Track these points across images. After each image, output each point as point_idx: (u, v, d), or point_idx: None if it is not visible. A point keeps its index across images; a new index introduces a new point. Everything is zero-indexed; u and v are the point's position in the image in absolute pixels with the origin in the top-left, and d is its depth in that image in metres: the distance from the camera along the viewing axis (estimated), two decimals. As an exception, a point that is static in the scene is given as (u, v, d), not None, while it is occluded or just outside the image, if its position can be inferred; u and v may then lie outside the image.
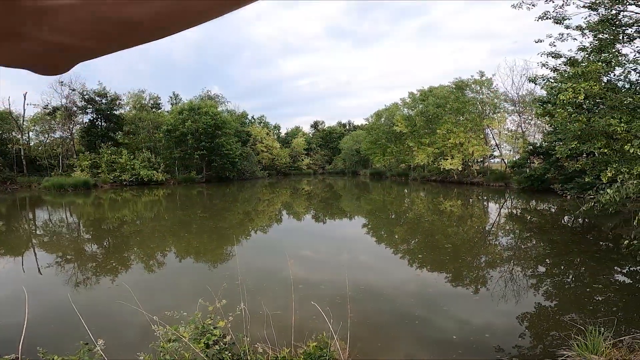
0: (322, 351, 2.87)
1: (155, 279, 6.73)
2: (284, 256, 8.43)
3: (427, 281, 6.33)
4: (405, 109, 38.33)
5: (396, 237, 10.67)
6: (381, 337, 4.18)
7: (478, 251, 8.65)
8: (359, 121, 77.83)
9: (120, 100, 37.87)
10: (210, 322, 3.06)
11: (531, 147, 23.50)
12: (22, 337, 2.46)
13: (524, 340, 4.07)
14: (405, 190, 27.73)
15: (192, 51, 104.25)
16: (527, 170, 22.93)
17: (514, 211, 16.30)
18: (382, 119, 43.31)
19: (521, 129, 29.87)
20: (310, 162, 65.43)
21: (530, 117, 29.36)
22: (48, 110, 35.30)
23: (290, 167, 61.33)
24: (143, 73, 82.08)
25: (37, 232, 12.59)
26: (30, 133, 38.25)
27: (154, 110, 42.42)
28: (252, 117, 61.67)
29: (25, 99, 37.72)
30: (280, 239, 10.67)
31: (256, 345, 2.95)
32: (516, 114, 29.96)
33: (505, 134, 31.16)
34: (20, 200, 23.01)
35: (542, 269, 7.11)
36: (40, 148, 37.90)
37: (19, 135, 35.74)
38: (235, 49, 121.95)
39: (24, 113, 36.17)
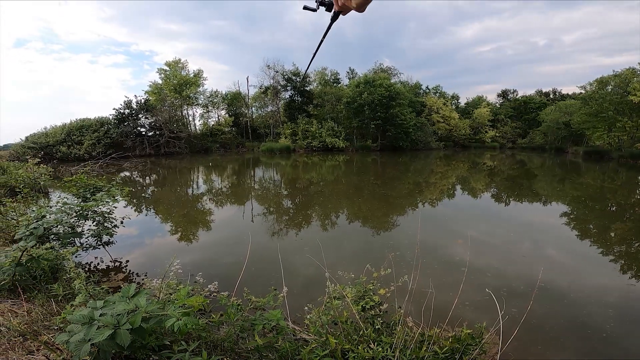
0: (473, 340, 2.57)
1: (329, 236, 7.65)
2: (452, 233, 7.89)
3: (644, 295, 4.74)
4: (647, 75, 28.90)
5: (612, 234, 7.99)
6: (544, 342, 3.55)
7: None
8: (568, 89, 63.26)
9: (309, 77, 43.94)
10: (372, 288, 3.23)
11: None
12: (240, 277, 3.12)
13: None
14: (641, 176, 20.02)
15: (360, 28, 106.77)
16: None
17: None
18: (609, 87, 33.11)
19: None
20: (497, 134, 56.38)
21: None
22: (262, 90, 44.88)
23: (470, 139, 55.02)
24: (321, 52, 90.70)
25: (255, 186, 16.60)
26: (253, 108, 49.79)
27: (334, 84, 47.14)
28: (427, 87, 58.33)
29: (247, 82, 49.63)
30: (449, 215, 9.94)
31: (407, 319, 2.93)
32: None
33: None
34: (246, 160, 30.81)
35: None
36: (259, 120, 48.96)
37: (246, 110, 47.39)
38: (400, 21, 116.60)
39: (248, 93, 47.42)
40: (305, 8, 1.05)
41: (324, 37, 1.10)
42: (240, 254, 6.05)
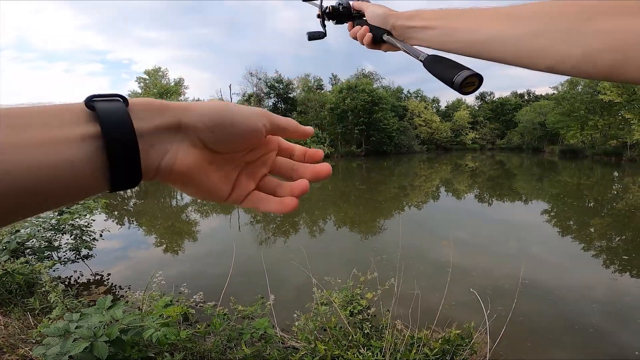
0: (462, 340, 2.60)
1: (317, 243, 7.64)
2: (437, 235, 8.02)
3: (626, 288, 4.91)
4: (616, 75, 30.77)
5: (592, 230, 8.30)
6: (533, 339, 3.62)
7: None
8: (542, 90, 66.61)
9: (292, 84, 44.26)
10: (359, 292, 3.21)
11: None
12: (225, 287, 3.10)
13: None
14: (615, 173, 20.93)
15: (342, 33, 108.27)
16: None
17: None
18: (579, 87, 34.82)
19: None
20: (477, 136, 57.90)
21: None
22: (245, 98, 44.74)
23: (451, 142, 56.22)
24: (304, 59, 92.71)
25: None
26: (236, 116, 49.34)
27: (318, 91, 47.48)
28: (408, 91, 59.60)
29: (230, 89, 49.35)
30: (435, 217, 10.10)
31: (396, 322, 2.93)
32: None
33: None
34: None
35: None
36: (242, 128, 48.55)
37: (230, 119, 47.11)
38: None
39: (231, 101, 47.15)
40: (311, 39, 0.89)
41: None
42: (226, 264, 5.92)
